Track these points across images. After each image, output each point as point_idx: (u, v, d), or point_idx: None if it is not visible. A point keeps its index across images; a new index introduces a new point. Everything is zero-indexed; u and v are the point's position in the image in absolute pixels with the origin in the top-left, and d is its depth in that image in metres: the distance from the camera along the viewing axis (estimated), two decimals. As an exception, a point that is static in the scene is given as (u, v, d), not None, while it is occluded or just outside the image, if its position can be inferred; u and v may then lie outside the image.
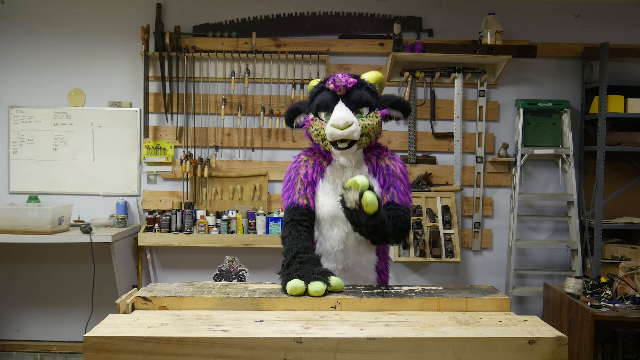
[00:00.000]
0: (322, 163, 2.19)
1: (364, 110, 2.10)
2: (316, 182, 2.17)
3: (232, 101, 4.18)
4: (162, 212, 4.12)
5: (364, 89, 2.12)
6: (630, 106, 3.98)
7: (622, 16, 4.22)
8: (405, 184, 2.19)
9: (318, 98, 2.13)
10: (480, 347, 1.53)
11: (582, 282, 3.46)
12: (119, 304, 1.79)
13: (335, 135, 2.04)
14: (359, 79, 2.14)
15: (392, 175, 2.16)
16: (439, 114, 4.23)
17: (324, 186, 2.16)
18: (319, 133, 2.11)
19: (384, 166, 2.17)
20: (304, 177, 2.17)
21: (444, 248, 3.93)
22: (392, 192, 2.15)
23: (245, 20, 4.19)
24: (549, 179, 4.26)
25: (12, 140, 4.22)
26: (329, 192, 2.15)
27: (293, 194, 2.17)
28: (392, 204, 2.13)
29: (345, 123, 2.02)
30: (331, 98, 2.09)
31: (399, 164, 2.20)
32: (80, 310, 4.19)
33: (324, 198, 2.15)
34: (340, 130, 2.03)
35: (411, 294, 1.91)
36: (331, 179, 2.16)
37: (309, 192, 2.16)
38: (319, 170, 2.18)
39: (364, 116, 2.10)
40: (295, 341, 1.51)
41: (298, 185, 2.17)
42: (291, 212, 2.16)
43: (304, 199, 2.15)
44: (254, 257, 4.09)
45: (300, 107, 2.22)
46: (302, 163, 2.21)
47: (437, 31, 4.20)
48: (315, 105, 2.13)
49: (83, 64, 4.23)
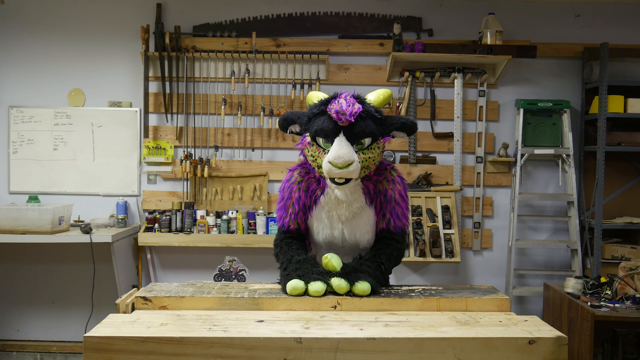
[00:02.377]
0: (315, 189, 2.08)
1: (366, 141, 1.95)
2: (310, 208, 2.10)
3: (232, 101, 4.18)
4: (162, 212, 4.12)
5: (368, 119, 1.95)
6: (630, 106, 3.98)
7: (622, 16, 4.22)
8: (403, 207, 2.11)
9: (317, 122, 1.96)
10: (480, 347, 1.53)
11: (582, 282, 3.46)
12: (119, 304, 1.79)
13: (333, 173, 1.91)
14: (365, 106, 1.96)
15: (389, 201, 2.07)
16: (439, 114, 4.23)
17: (319, 214, 2.10)
18: (315, 160, 1.98)
19: (382, 192, 2.07)
20: (296, 201, 2.10)
21: (444, 248, 3.93)
22: (389, 218, 2.08)
23: (245, 20, 4.19)
24: (549, 179, 4.26)
25: (12, 140, 4.22)
26: (324, 220, 2.10)
27: (284, 216, 2.14)
28: (387, 232, 2.10)
29: (344, 162, 1.88)
30: (332, 128, 1.92)
31: (398, 187, 2.10)
32: (80, 310, 4.19)
33: (319, 225, 2.11)
34: (339, 169, 1.89)
35: (411, 294, 1.91)
36: (326, 209, 2.08)
37: (300, 217, 2.11)
38: (312, 196, 2.08)
39: (364, 147, 1.95)
40: (295, 341, 1.51)
41: (290, 209, 2.11)
42: (282, 234, 2.17)
43: (294, 223, 2.12)
44: (254, 257, 4.09)
45: (295, 119, 2.07)
46: (295, 186, 2.11)
47: (437, 31, 4.20)
48: (314, 130, 1.97)
49: (83, 64, 4.23)
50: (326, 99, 2.00)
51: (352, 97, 1.96)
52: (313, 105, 2.03)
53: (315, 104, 2.02)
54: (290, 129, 2.10)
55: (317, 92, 2.11)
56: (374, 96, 2.03)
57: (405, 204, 2.13)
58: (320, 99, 2.03)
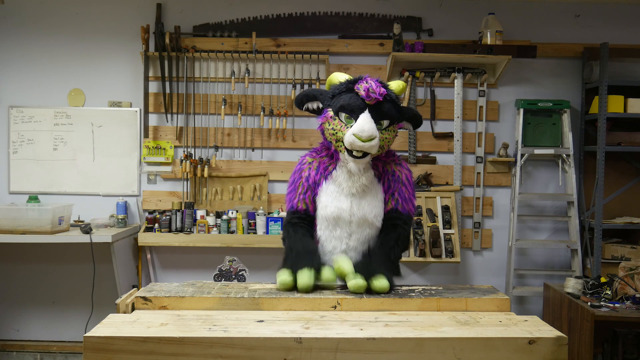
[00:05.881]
0: (327, 165, 2.18)
1: (384, 122, 2.08)
2: (319, 183, 2.17)
3: (232, 101, 4.18)
4: (162, 212, 4.12)
5: (389, 102, 2.09)
6: (630, 106, 3.98)
7: (622, 16, 4.22)
8: (409, 190, 2.20)
9: (344, 98, 2.07)
10: (480, 347, 1.53)
11: (582, 282, 3.46)
12: (119, 304, 1.79)
13: (355, 145, 2.02)
14: (389, 91, 2.10)
15: (397, 181, 2.17)
16: (439, 114, 4.23)
17: (328, 188, 2.15)
18: (335, 133, 2.08)
19: (389, 171, 2.17)
20: (306, 180, 2.17)
21: (444, 248, 3.93)
22: (397, 198, 2.16)
23: (245, 20, 4.19)
24: (549, 179, 4.26)
25: (12, 140, 4.22)
26: (333, 194, 2.14)
27: (294, 197, 2.20)
28: (395, 212, 2.16)
29: (368, 136, 1.99)
30: (359, 105, 2.04)
31: (405, 170, 2.21)
32: (80, 310, 4.19)
33: (327, 199, 2.14)
34: (362, 142, 2.00)
35: (411, 294, 1.91)
36: (337, 182, 2.15)
37: (308, 196, 2.17)
38: (322, 172, 2.17)
39: (383, 128, 2.07)
40: (295, 341, 1.51)
41: (299, 189, 2.18)
42: (290, 215, 2.21)
43: (302, 203, 2.18)
44: (254, 257, 4.09)
45: (317, 95, 2.18)
46: (305, 165, 2.21)
47: (437, 31, 4.20)
48: (339, 105, 2.07)
49: (83, 64, 4.23)
50: (353, 79, 2.12)
51: (377, 81, 2.10)
52: (339, 84, 2.14)
53: (341, 83, 2.14)
54: (307, 105, 2.19)
55: (340, 73, 2.20)
56: (394, 85, 2.18)
57: (412, 188, 2.22)
58: (343, 80, 2.14)
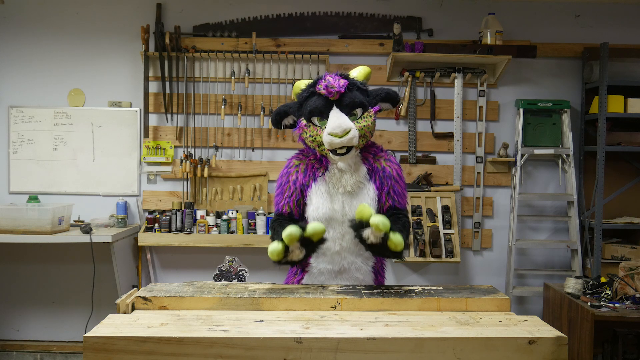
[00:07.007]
0: (315, 166, 2.17)
1: (357, 111, 2.09)
2: (308, 186, 2.16)
3: (232, 101, 4.18)
4: (162, 212, 4.12)
5: (355, 90, 2.10)
6: (630, 106, 3.98)
7: (622, 16, 4.22)
8: (402, 185, 2.20)
9: (310, 103, 2.10)
10: (480, 347, 1.53)
11: (582, 282, 3.46)
12: (119, 304, 1.79)
13: (334, 143, 2.04)
14: (349, 79, 2.12)
15: (389, 177, 2.16)
16: (439, 114, 4.23)
17: (318, 189, 2.15)
18: (314, 139, 2.10)
19: (380, 168, 2.17)
20: (293, 184, 2.17)
21: (444, 248, 3.93)
22: (393, 196, 2.16)
23: (245, 20, 4.19)
24: (549, 179, 4.26)
25: (12, 140, 4.22)
26: (324, 195, 2.14)
27: (280, 201, 2.21)
28: (395, 209, 2.16)
29: (343, 131, 2.02)
30: (324, 104, 2.07)
31: (395, 166, 2.21)
32: (80, 310, 4.19)
33: (319, 200, 2.14)
34: (339, 139, 2.02)
35: (411, 294, 1.91)
36: (330, 183, 2.14)
37: (293, 200, 2.17)
38: (310, 174, 2.17)
39: (358, 118, 2.09)
40: (295, 341, 1.51)
41: (286, 193, 2.19)
42: (275, 217, 2.22)
43: (287, 207, 2.18)
44: (254, 257, 4.09)
45: (287, 110, 2.19)
46: (292, 169, 2.20)
47: (437, 31, 4.20)
48: (308, 111, 2.10)
49: (83, 64, 4.23)
50: (312, 82, 2.14)
51: (336, 75, 2.11)
52: (301, 90, 2.16)
53: (303, 89, 2.16)
54: (283, 122, 2.20)
55: (302, 80, 2.22)
56: (356, 72, 2.19)
57: (404, 183, 2.23)
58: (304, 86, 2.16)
